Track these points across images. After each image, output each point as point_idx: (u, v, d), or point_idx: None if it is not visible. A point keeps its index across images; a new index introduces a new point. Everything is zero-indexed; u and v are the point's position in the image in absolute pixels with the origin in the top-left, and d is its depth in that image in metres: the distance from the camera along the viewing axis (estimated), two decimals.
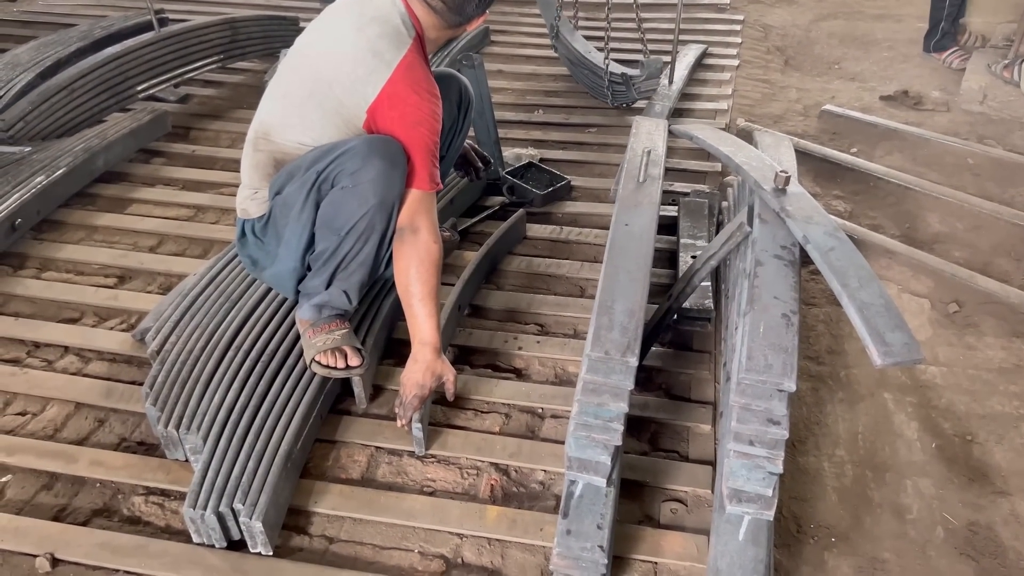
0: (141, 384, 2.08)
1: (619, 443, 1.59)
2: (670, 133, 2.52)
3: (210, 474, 1.75)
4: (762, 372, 1.53)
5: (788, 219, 1.81)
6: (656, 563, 1.69)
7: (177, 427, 1.87)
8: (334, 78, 1.84)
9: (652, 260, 1.83)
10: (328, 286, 1.97)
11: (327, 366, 1.97)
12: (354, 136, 1.86)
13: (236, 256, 2.43)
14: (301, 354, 2.06)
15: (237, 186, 3.04)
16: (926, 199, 2.97)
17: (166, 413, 1.90)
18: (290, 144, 1.93)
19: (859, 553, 1.73)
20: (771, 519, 1.54)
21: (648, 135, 2.31)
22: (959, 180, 3.12)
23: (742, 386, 1.53)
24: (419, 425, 1.90)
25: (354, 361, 1.98)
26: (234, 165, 3.23)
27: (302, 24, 4.39)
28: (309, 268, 2.01)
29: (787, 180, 1.89)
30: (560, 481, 1.88)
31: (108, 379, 2.17)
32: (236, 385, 1.95)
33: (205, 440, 1.84)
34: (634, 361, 1.59)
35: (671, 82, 3.67)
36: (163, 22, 3.98)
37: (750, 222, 1.86)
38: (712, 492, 1.84)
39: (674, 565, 1.69)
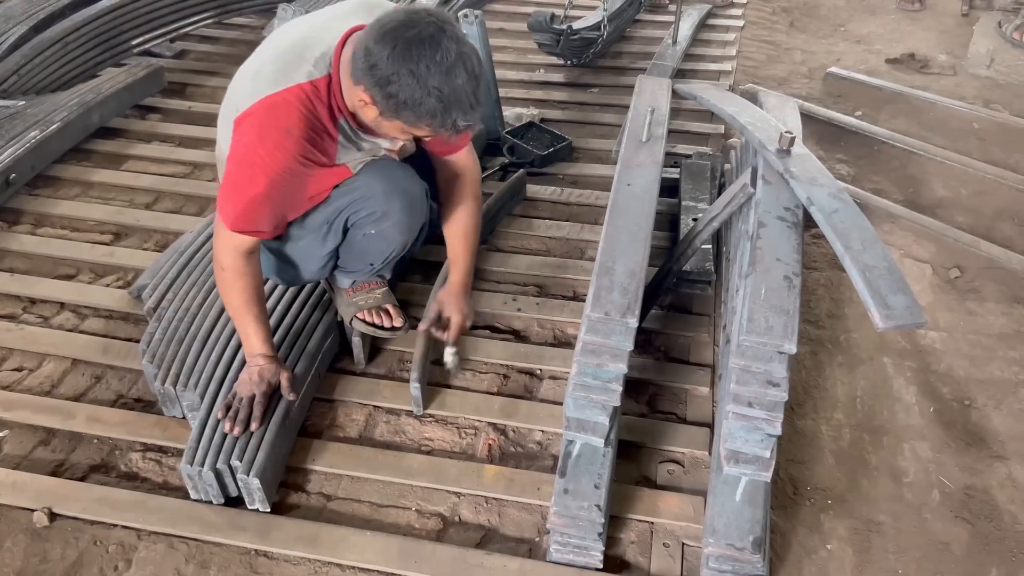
0: (138, 341, 2.07)
1: (617, 404, 1.58)
2: (674, 93, 2.48)
3: (207, 431, 1.74)
4: (763, 334, 1.51)
5: (792, 180, 1.79)
6: (653, 523, 1.70)
7: (174, 384, 1.87)
8: (235, 87, 1.75)
9: (654, 221, 1.81)
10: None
11: (371, 324, 1.96)
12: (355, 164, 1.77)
13: None
14: (299, 312, 2.05)
15: None
16: (930, 163, 2.94)
17: (163, 370, 1.89)
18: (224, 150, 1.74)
19: (855, 515, 1.73)
20: (768, 480, 1.54)
21: (652, 94, 2.27)
22: (964, 145, 3.08)
23: (742, 348, 1.52)
24: (417, 385, 1.90)
25: (398, 321, 1.99)
26: None
27: None
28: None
29: (792, 141, 1.87)
30: (558, 441, 1.88)
31: (105, 336, 2.16)
32: (233, 343, 1.94)
33: (202, 397, 1.83)
34: (634, 322, 1.58)
35: (675, 42, 3.61)
36: None
37: (753, 183, 1.83)
38: (709, 454, 1.84)
39: (670, 525, 1.69)
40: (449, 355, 1.95)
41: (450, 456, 1.85)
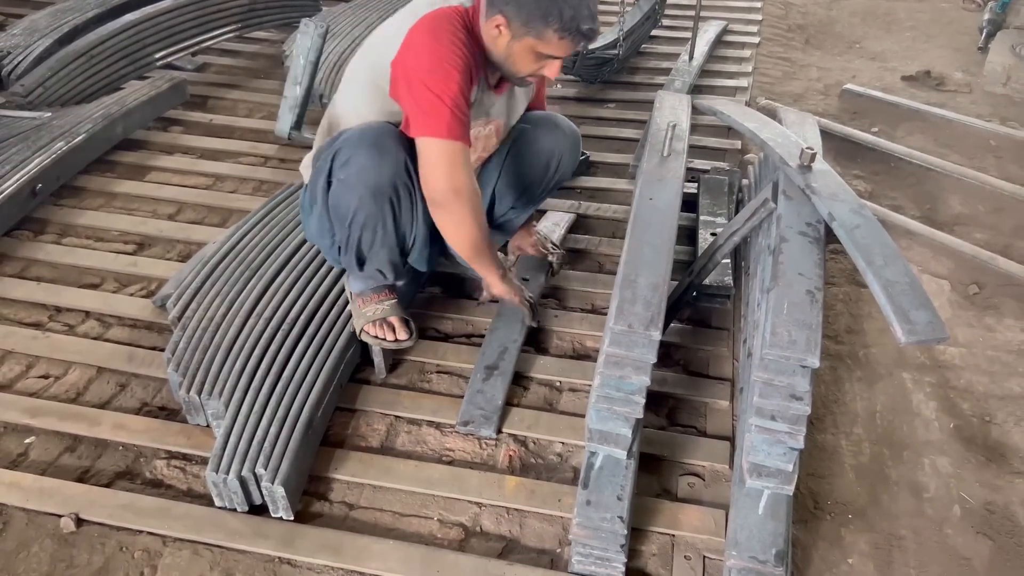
0: (162, 350, 2.10)
1: (640, 416, 1.60)
2: (692, 109, 2.50)
3: (232, 439, 1.76)
4: (786, 348, 1.52)
5: (813, 196, 1.80)
6: (674, 535, 1.70)
7: (199, 392, 1.89)
8: (373, 41, 1.88)
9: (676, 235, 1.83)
10: (361, 267, 1.97)
11: (376, 337, 1.98)
12: (383, 109, 1.85)
13: (257, 224, 2.44)
14: (322, 323, 2.08)
15: (255, 156, 3.10)
16: (947, 180, 2.95)
17: (188, 378, 1.91)
18: (339, 111, 1.95)
19: (876, 530, 1.74)
20: (791, 494, 1.54)
21: (672, 109, 2.29)
22: (981, 162, 3.10)
23: (765, 361, 1.53)
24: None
25: (402, 335, 2.01)
26: (251, 135, 3.25)
27: None
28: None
29: (813, 157, 1.88)
30: (578, 454, 1.89)
31: (129, 344, 2.19)
32: (257, 352, 1.96)
33: (227, 406, 1.85)
34: (657, 335, 1.59)
35: (691, 58, 3.64)
36: None
37: (775, 198, 1.85)
38: (730, 467, 1.84)
39: (691, 538, 1.70)
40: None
41: (471, 467, 1.87)
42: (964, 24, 4.62)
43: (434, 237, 1.95)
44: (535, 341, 2.22)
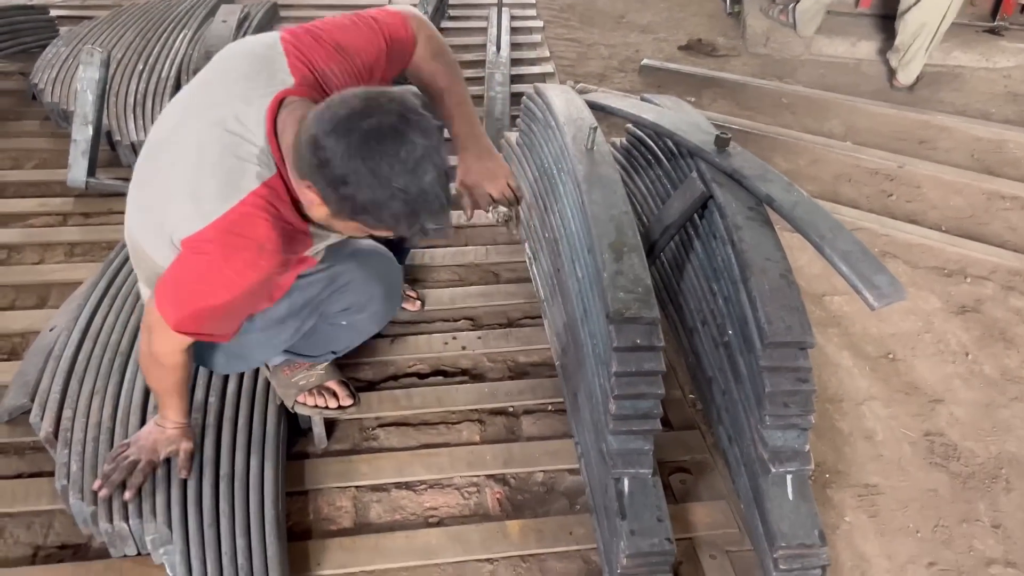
0: (33, 476, 1.72)
1: (659, 428, 1.56)
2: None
3: (195, 564, 1.47)
4: (785, 334, 1.55)
5: (745, 180, 1.85)
6: (691, 538, 1.69)
7: (126, 518, 1.54)
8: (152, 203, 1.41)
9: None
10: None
11: (316, 407, 1.73)
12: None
13: (104, 298, 2.05)
14: (238, 401, 1.79)
15: (49, 215, 2.59)
16: (764, 140, 3.19)
17: (103, 505, 1.56)
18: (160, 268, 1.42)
19: (852, 483, 1.85)
20: (811, 472, 1.59)
21: (566, 104, 2.17)
22: (782, 119, 3.40)
23: (768, 351, 1.56)
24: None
25: (346, 400, 1.77)
26: (32, 189, 2.74)
27: (52, 13, 3.75)
28: None
29: (727, 141, 1.93)
30: (563, 479, 1.82)
31: None
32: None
33: (170, 526, 1.53)
34: (661, 343, 1.55)
35: (499, 50, 3.61)
36: None
37: (706, 186, 1.87)
38: (710, 456, 1.86)
39: (708, 536, 1.69)
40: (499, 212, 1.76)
41: (463, 521, 1.72)
42: None
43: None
44: (468, 372, 2.08)
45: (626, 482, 1.56)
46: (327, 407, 1.79)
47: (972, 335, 2.29)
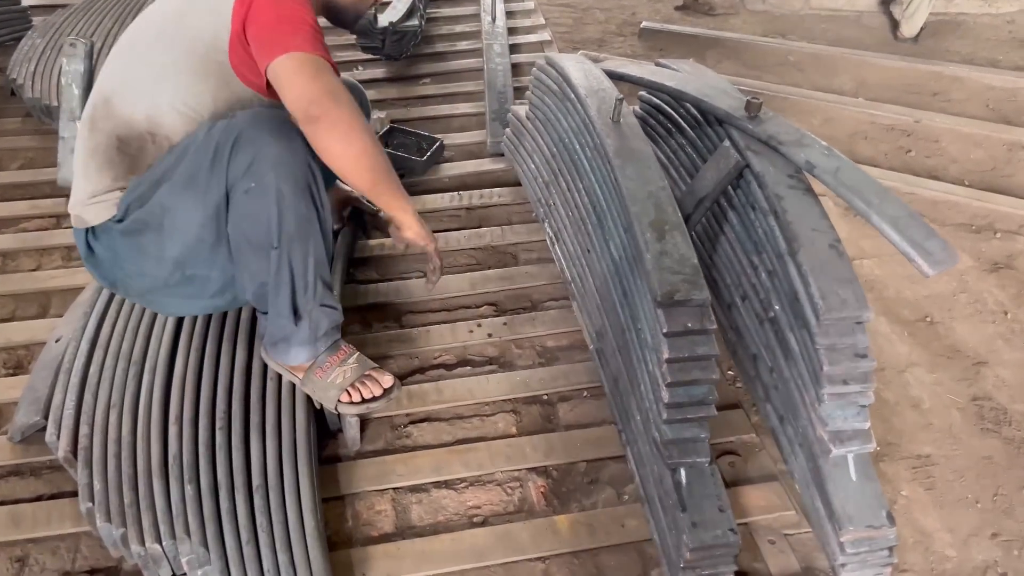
0: (53, 498, 1.64)
1: (715, 414, 1.49)
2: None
3: None
4: (840, 309, 1.48)
5: (782, 147, 1.76)
6: (747, 523, 1.63)
7: (159, 540, 1.46)
8: (183, 7, 1.58)
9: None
10: (298, 317, 1.62)
11: (363, 401, 1.65)
12: (221, 92, 1.54)
13: (110, 303, 1.95)
14: (263, 402, 1.70)
15: (41, 217, 2.48)
16: (775, 101, 3.10)
17: (134, 526, 1.48)
18: (138, 113, 1.54)
19: (905, 455, 1.79)
20: (872, 450, 1.52)
21: (586, 73, 2.07)
22: (791, 78, 3.31)
23: (824, 327, 1.48)
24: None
25: (387, 381, 1.69)
26: (19, 192, 2.62)
27: (24, 3, 3.59)
28: (186, 276, 1.64)
29: (759, 107, 1.84)
30: (607, 468, 1.74)
31: (4, 503, 1.65)
32: (205, 466, 1.56)
33: (206, 546, 1.46)
34: (713, 325, 1.47)
35: (494, 19, 3.48)
36: None
37: (741, 154, 1.78)
38: (756, 435, 1.80)
39: (764, 520, 1.63)
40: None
41: (509, 519, 1.64)
42: None
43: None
44: (496, 360, 2.00)
45: (683, 472, 1.49)
46: (373, 397, 1.69)
47: (1008, 293, 2.23)
